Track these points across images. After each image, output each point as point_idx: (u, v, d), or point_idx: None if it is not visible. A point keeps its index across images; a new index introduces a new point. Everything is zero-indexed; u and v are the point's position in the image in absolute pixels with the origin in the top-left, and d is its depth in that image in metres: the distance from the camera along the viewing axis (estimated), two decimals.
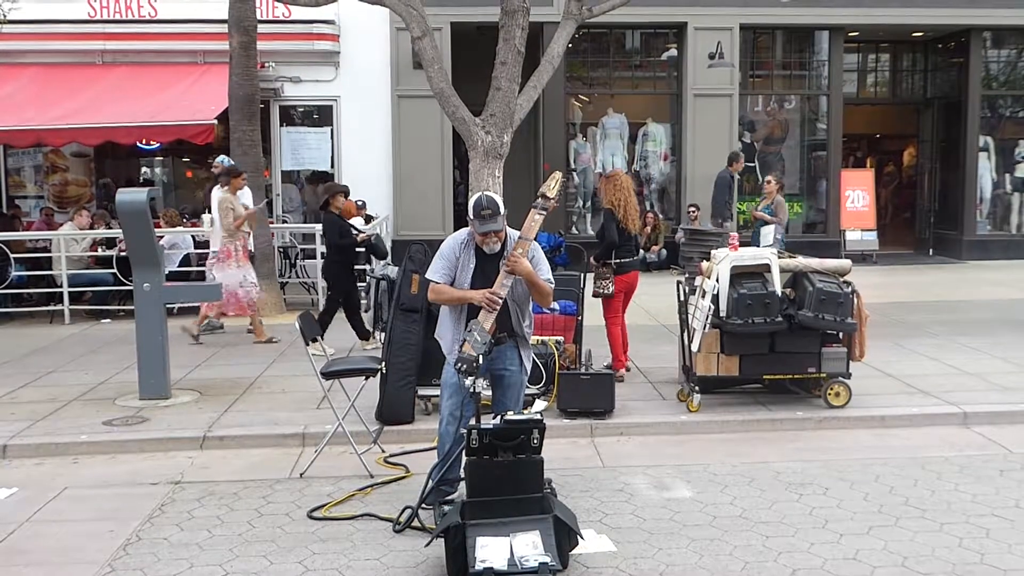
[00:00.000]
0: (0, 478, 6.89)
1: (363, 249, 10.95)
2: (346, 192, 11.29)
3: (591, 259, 8.95)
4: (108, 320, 13.02)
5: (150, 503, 6.27)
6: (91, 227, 13.80)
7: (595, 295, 8.94)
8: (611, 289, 8.83)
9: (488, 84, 9.87)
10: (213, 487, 6.56)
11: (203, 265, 13.79)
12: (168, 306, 9.11)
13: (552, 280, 5.89)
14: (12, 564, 5.37)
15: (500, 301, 5.60)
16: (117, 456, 7.33)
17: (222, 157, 12.26)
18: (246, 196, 11.56)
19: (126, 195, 8.69)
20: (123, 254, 11.74)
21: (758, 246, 10.81)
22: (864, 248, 18.01)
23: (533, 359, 7.15)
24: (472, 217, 5.70)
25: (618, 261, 8.87)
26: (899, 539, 5.47)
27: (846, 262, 8.32)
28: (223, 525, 5.88)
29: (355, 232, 10.68)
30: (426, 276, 5.94)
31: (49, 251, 13.46)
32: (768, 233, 10.56)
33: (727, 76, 16.96)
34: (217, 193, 11.35)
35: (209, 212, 12.41)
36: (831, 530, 5.62)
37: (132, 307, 9.14)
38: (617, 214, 8.84)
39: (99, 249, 13.68)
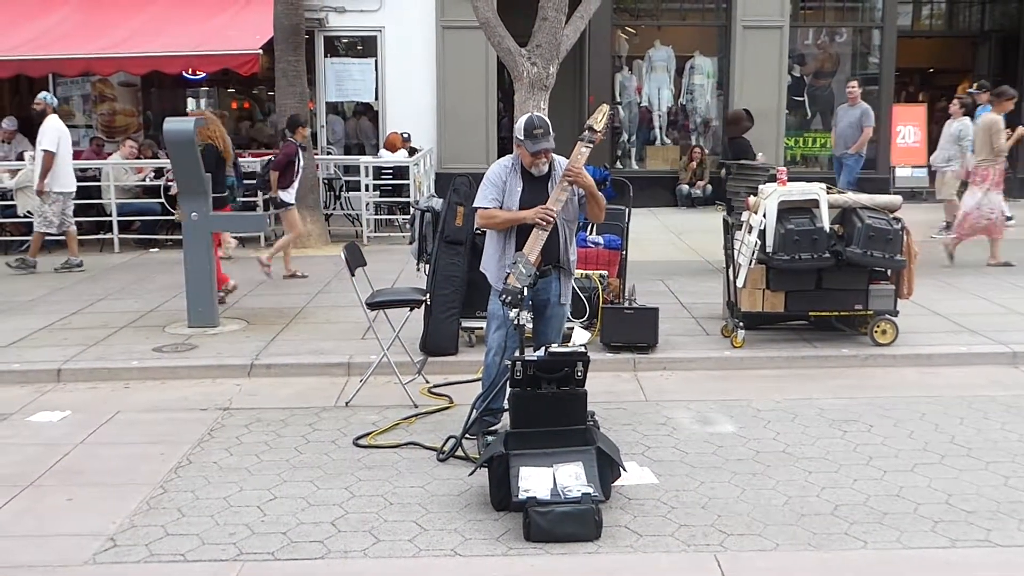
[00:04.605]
0: (54, 401, 7.06)
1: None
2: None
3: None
4: (156, 249, 13.20)
5: (200, 428, 6.40)
6: (137, 157, 13.93)
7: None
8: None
9: (534, 14, 9.74)
10: (261, 414, 6.68)
11: (248, 196, 13.88)
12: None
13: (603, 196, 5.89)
14: (68, 484, 5.51)
15: (554, 218, 5.56)
16: (167, 382, 7.48)
17: (44, 93, 12.06)
18: None
19: (174, 123, 8.72)
20: (171, 183, 11.81)
21: None
22: (914, 185, 17.64)
23: (576, 291, 7.19)
24: (523, 138, 5.62)
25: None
26: (944, 477, 5.44)
27: (896, 198, 8.17)
28: (271, 451, 5.99)
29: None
30: (474, 204, 5.89)
31: (99, 180, 13.59)
32: None
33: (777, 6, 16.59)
34: (988, 116, 11.19)
35: (33, 149, 11.91)
36: (875, 467, 5.60)
37: (180, 237, 9.24)
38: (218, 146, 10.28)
39: (147, 179, 13.78)
